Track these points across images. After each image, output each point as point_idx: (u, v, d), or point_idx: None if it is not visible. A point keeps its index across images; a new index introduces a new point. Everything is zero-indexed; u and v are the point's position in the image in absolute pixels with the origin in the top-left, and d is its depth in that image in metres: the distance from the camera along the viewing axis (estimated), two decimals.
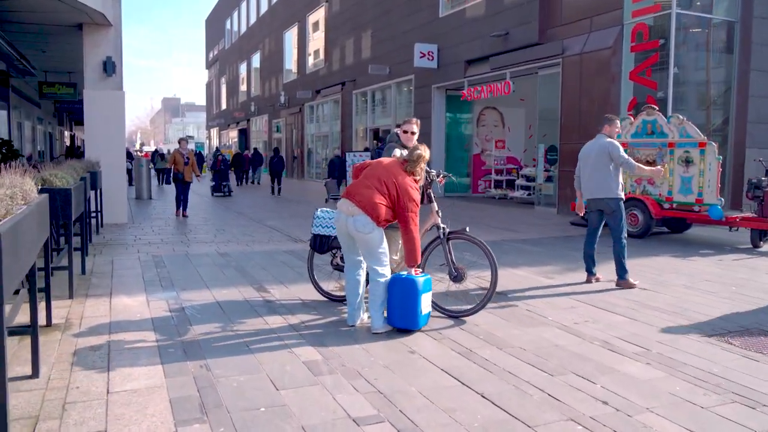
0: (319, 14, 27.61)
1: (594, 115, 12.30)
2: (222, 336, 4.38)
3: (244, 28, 41.22)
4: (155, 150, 32.34)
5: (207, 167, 30.46)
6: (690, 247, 8.96)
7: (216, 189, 19.13)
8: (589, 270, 6.37)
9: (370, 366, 3.79)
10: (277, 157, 20.39)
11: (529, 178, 16.94)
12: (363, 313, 4.73)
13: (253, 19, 38.66)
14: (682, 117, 9.60)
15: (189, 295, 5.62)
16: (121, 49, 11.35)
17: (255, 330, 4.54)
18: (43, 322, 4.47)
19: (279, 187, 19.73)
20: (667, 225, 10.39)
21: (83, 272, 6.52)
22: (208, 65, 56.00)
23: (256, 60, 38.30)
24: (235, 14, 43.66)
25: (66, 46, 13.24)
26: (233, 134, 46.75)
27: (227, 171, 20.06)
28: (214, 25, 51.23)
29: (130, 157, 22.15)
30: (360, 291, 4.67)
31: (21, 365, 3.68)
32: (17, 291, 4.06)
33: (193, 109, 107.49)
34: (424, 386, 3.47)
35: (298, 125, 30.69)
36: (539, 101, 15.20)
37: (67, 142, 35.04)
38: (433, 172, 5.17)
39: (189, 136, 36.53)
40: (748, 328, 4.72)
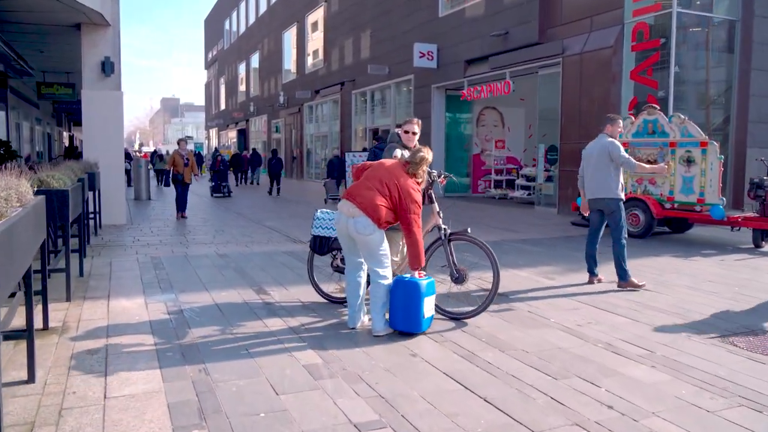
0: (318, 14, 27.56)
1: (595, 115, 12.26)
2: (221, 339, 4.33)
3: (243, 29, 41.15)
4: (154, 150, 32.31)
5: (206, 168, 30.40)
6: (691, 247, 8.92)
7: (215, 190, 19.08)
8: (591, 271, 6.33)
9: (371, 369, 3.74)
10: (275, 158, 20.37)
11: (529, 178, 16.89)
12: (364, 315, 4.68)
13: (252, 19, 38.59)
14: (683, 116, 9.56)
15: (188, 297, 5.57)
16: (119, 49, 11.31)
17: (254, 333, 4.49)
18: (40, 325, 4.42)
19: (278, 187, 19.70)
20: (668, 225, 10.34)
21: (81, 274, 6.47)
22: (207, 65, 55.92)
23: (255, 60, 38.24)
24: (234, 14, 43.58)
25: (64, 47, 13.18)
26: (232, 134, 46.69)
27: (227, 171, 20.01)
28: (213, 25, 51.15)
29: (128, 157, 22.10)
30: (361, 293, 4.62)
31: (17, 370, 3.62)
32: (13, 294, 4.00)
33: (192, 110, 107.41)
34: (426, 390, 3.43)
35: (297, 125, 30.64)
36: (539, 101, 15.15)
37: (66, 143, 34.94)
38: (435, 173, 5.12)
39: (188, 137, 36.42)
40: (752, 330, 4.67)
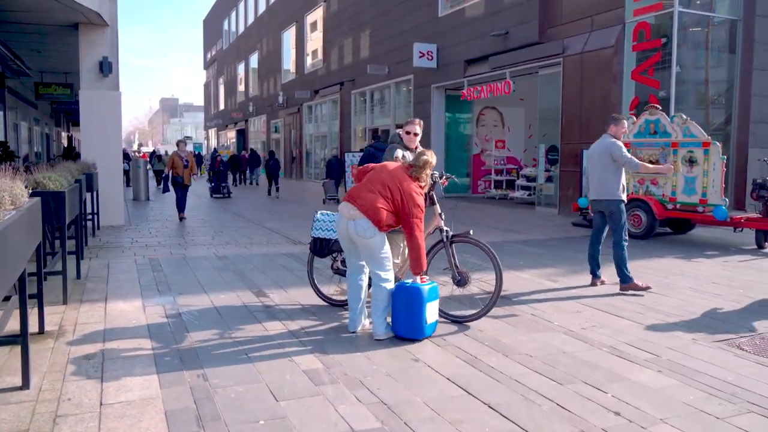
0: (317, 14, 27.49)
1: (595, 115, 12.21)
2: (220, 343, 4.26)
3: (242, 29, 41.08)
4: (153, 151, 32.19)
5: (206, 168, 30.32)
6: (694, 248, 8.85)
7: (215, 190, 19.01)
8: (594, 272, 6.26)
9: (372, 375, 3.67)
10: (272, 159, 20.32)
11: (529, 178, 16.82)
12: (365, 318, 4.60)
13: (251, 19, 38.52)
14: (685, 116, 9.49)
15: (186, 300, 5.50)
16: (117, 49, 11.24)
17: (254, 337, 4.41)
18: (36, 329, 4.35)
19: (277, 188, 19.63)
20: (670, 226, 10.28)
21: (78, 276, 6.39)
22: (206, 66, 55.83)
23: (254, 60, 38.16)
24: (233, 14, 43.50)
25: (62, 47, 13.10)
26: (231, 135, 46.61)
27: (226, 172, 19.94)
28: (212, 25, 51.06)
29: (127, 158, 22.00)
30: (362, 296, 4.55)
31: (11, 375, 3.55)
32: (8, 297, 3.93)
33: (191, 110, 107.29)
34: (429, 396, 3.35)
35: (297, 125, 30.56)
36: (539, 101, 15.09)
37: (65, 143, 34.86)
38: (436, 174, 5.04)
39: (187, 137, 36.38)
40: (759, 333, 4.60)
